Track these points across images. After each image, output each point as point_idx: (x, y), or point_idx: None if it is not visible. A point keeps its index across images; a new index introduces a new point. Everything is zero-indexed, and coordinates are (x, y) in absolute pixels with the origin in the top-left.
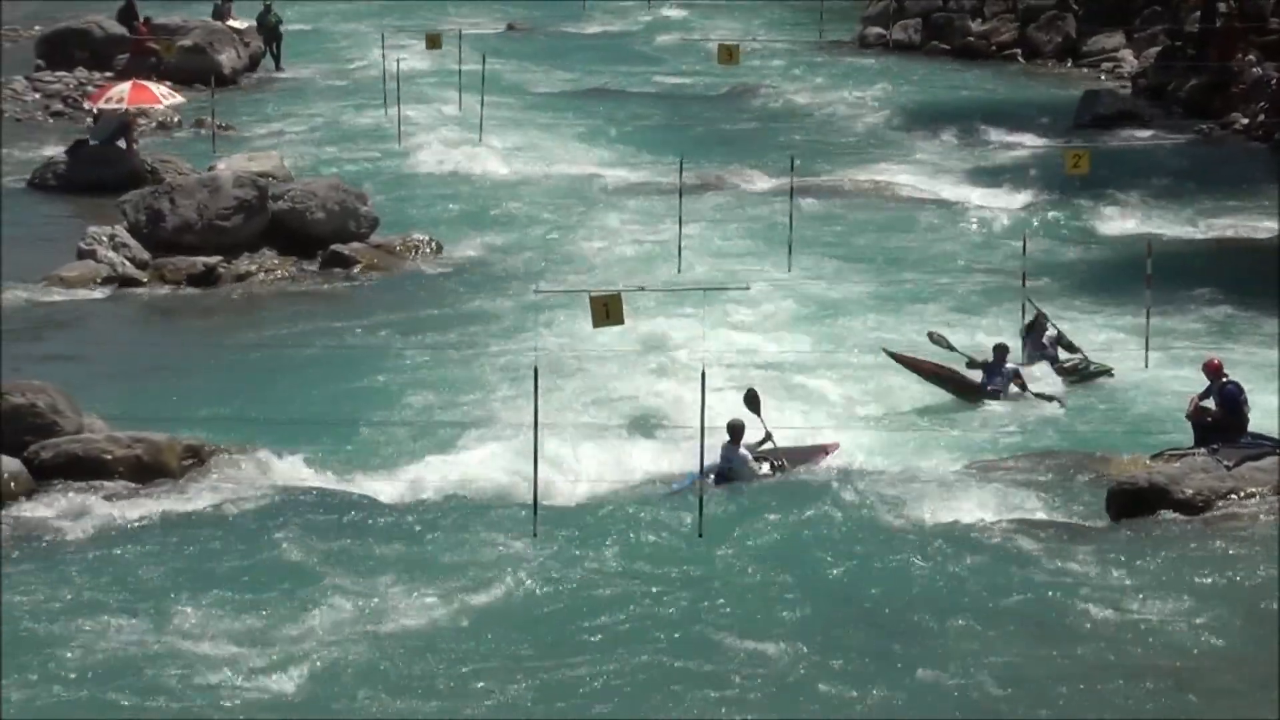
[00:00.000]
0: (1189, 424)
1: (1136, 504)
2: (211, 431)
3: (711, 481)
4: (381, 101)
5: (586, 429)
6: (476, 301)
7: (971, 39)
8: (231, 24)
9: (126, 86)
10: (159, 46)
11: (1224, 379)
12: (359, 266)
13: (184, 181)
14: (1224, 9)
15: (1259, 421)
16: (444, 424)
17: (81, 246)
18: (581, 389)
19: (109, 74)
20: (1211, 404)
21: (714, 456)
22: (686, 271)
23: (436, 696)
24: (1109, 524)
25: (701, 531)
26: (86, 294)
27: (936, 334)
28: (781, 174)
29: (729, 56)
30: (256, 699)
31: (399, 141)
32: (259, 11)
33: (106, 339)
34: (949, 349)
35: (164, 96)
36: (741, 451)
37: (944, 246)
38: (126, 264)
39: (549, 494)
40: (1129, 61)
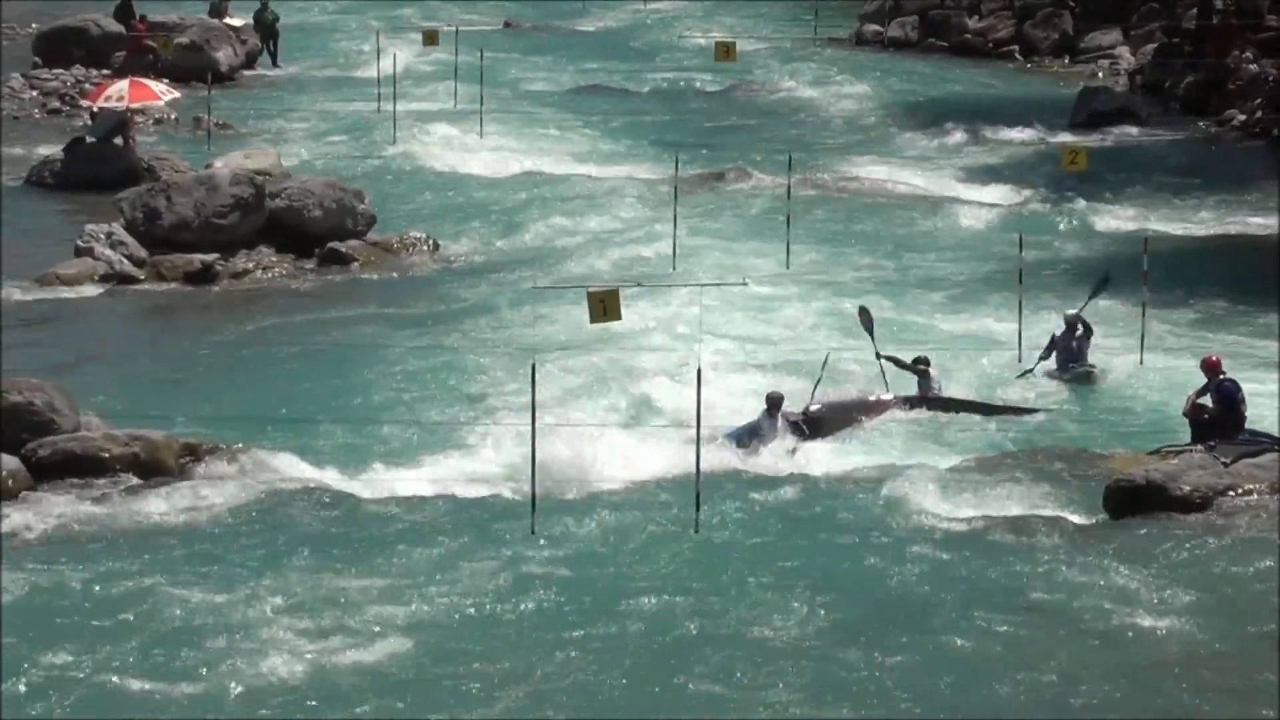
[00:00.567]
0: (1186, 421)
1: (1134, 501)
2: (209, 429)
3: (736, 441)
4: (378, 98)
5: (584, 426)
6: (474, 298)
7: (968, 36)
8: (228, 21)
9: (125, 84)
10: (156, 44)
11: (1221, 376)
12: (356, 264)
13: (181, 179)
14: (1220, 6)
15: (1256, 418)
16: (442, 421)
17: (79, 244)
18: (579, 386)
19: (106, 72)
20: (1209, 401)
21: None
22: (684, 267)
23: (434, 695)
24: (1106, 521)
25: (698, 528)
26: (84, 291)
27: (865, 313)
28: (779, 171)
29: (725, 54)
30: (253, 697)
31: (395, 139)
32: (256, 9)
33: (104, 337)
34: (869, 332)
35: (163, 93)
36: (778, 422)
37: (941, 243)
38: (124, 261)
39: (547, 491)
40: (1126, 58)
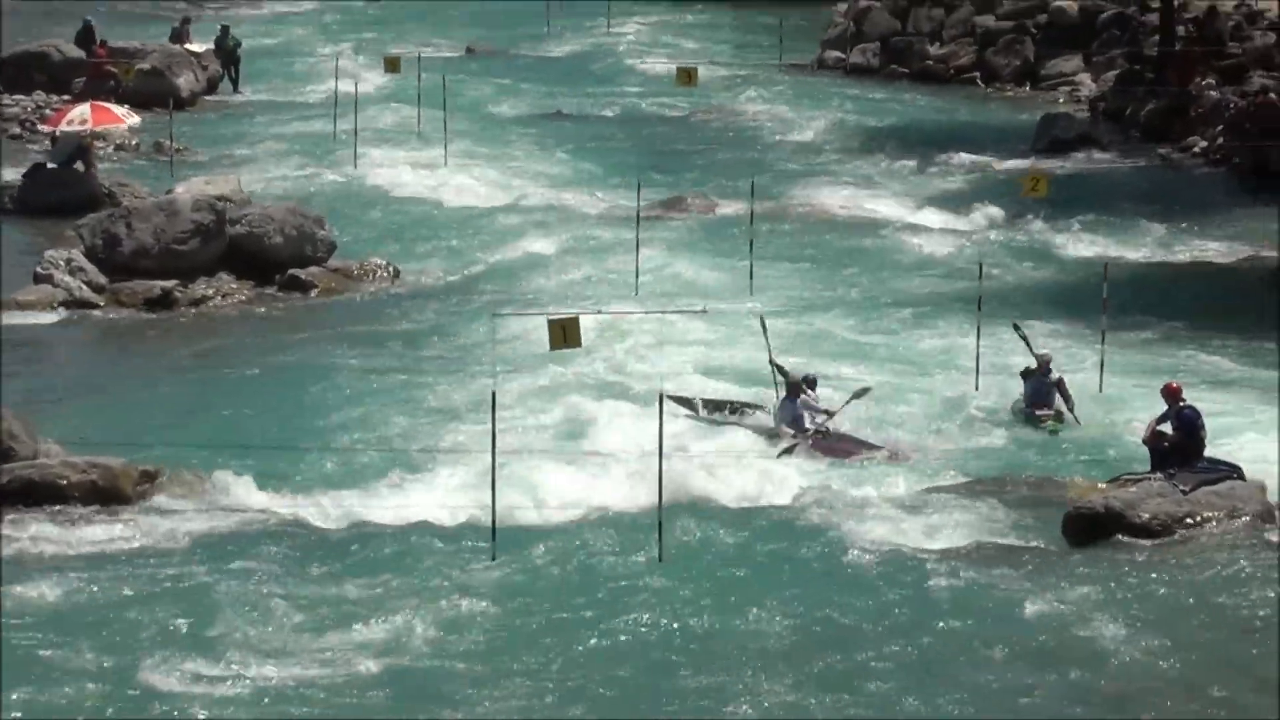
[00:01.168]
0: (1146, 448)
1: (1093, 528)
2: (168, 456)
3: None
4: (340, 125)
5: (545, 453)
6: (434, 325)
7: (930, 63)
8: (189, 47)
9: (87, 108)
10: (117, 70)
11: (1182, 403)
12: (316, 291)
13: (141, 205)
14: (1183, 33)
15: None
16: (402, 448)
17: (38, 270)
18: (539, 413)
19: (67, 97)
20: (1169, 428)
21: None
22: (645, 295)
23: None
24: (1065, 548)
25: (662, 556)
26: (43, 318)
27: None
28: (741, 197)
29: (688, 79)
30: None
31: (356, 165)
32: (217, 35)
33: (63, 364)
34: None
35: (124, 116)
36: (796, 406)
37: (902, 269)
38: (83, 288)
39: (508, 518)
40: (1087, 85)
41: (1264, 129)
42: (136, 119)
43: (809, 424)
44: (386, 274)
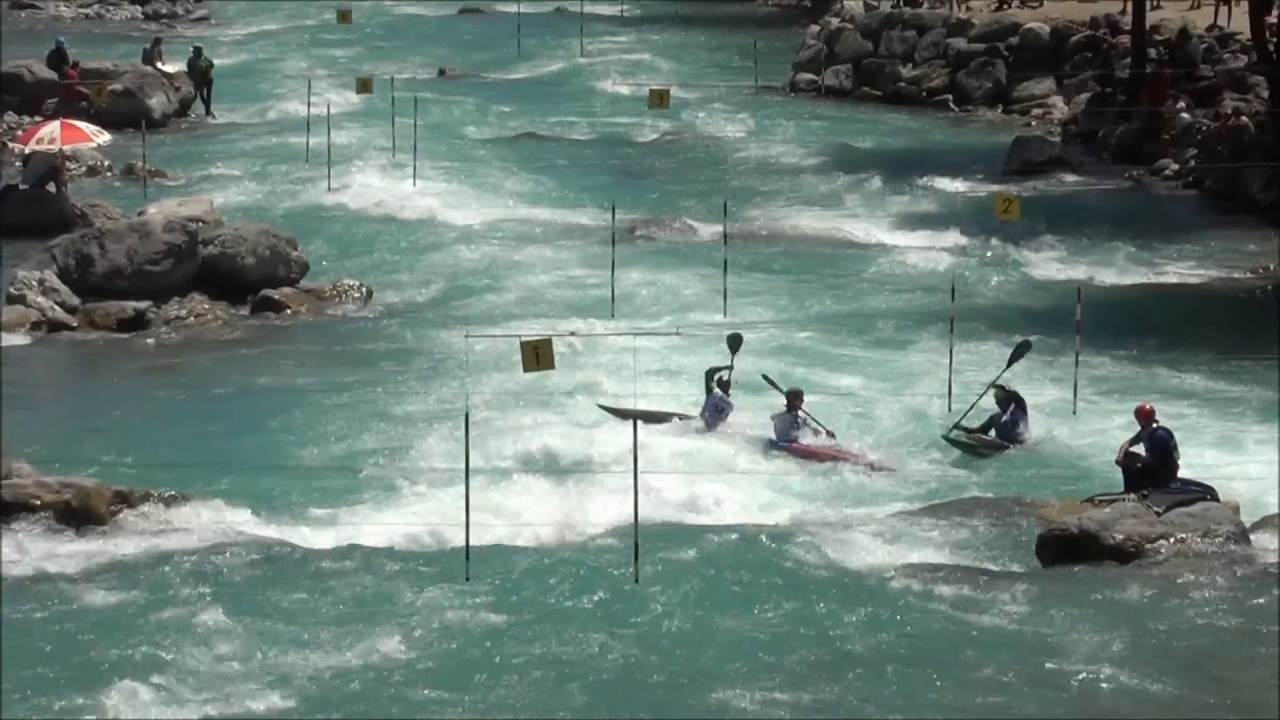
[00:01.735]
0: (1120, 469)
1: (1067, 550)
2: (141, 477)
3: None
4: (312, 146)
5: (518, 474)
6: (407, 346)
7: (902, 85)
8: (162, 68)
9: (56, 126)
10: (89, 91)
11: (1155, 424)
12: (289, 311)
13: (114, 226)
14: (1154, 55)
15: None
16: (375, 469)
17: (11, 291)
18: (513, 434)
19: (38, 118)
20: (1142, 450)
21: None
22: (620, 316)
23: None
24: (1039, 569)
25: (638, 578)
26: (15, 339)
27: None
28: (715, 219)
29: (660, 101)
30: None
31: (329, 186)
32: (189, 56)
33: (35, 384)
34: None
35: (94, 134)
36: (797, 417)
37: (876, 291)
38: (56, 309)
39: (481, 539)
40: (1059, 108)
41: (1235, 151)
42: (107, 136)
43: (808, 439)
44: (359, 294)
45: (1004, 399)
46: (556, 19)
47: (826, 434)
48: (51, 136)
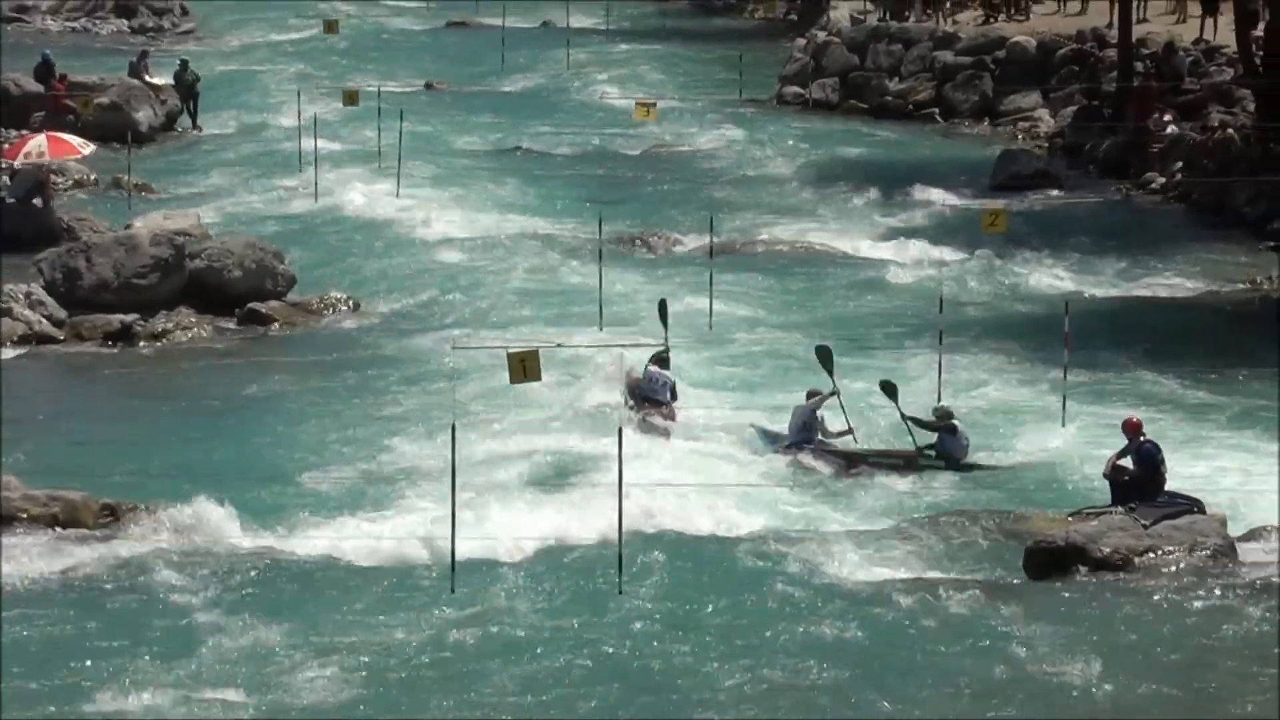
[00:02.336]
0: (1107, 483)
1: (1054, 563)
2: (128, 489)
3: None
4: (299, 159)
5: (505, 486)
6: (394, 359)
7: (889, 98)
8: (149, 80)
9: (43, 140)
10: (76, 104)
11: (1142, 438)
12: (276, 324)
13: (101, 240)
14: (1141, 69)
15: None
16: (362, 480)
17: None
18: (499, 446)
19: (24, 132)
20: (1129, 463)
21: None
22: (606, 328)
23: None
24: (1026, 582)
25: (622, 589)
26: (3, 352)
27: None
28: (701, 231)
29: (646, 114)
30: None
31: (316, 199)
32: (176, 68)
33: (23, 397)
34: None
35: (81, 146)
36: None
37: (863, 304)
38: (43, 322)
39: (467, 551)
40: (1046, 121)
41: (1222, 165)
42: (92, 147)
43: (821, 434)
44: (346, 307)
45: (943, 415)
46: (542, 33)
47: (849, 432)
48: (39, 150)
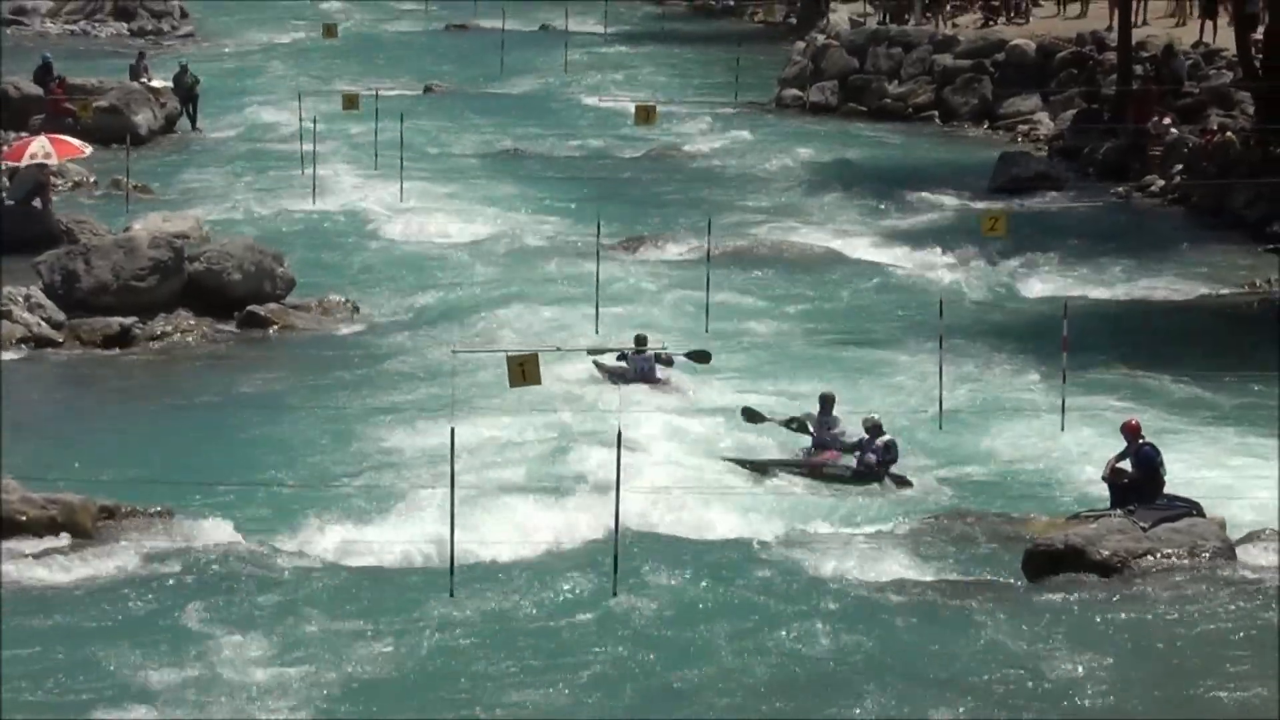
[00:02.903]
0: (1106, 485)
1: (1053, 565)
2: (127, 492)
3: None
4: (298, 162)
5: (503, 489)
6: (393, 362)
7: (888, 101)
8: (148, 83)
9: (46, 141)
10: (75, 107)
11: (1141, 440)
12: (275, 327)
13: (100, 242)
14: (1140, 72)
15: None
16: (361, 484)
17: None
18: (498, 449)
19: (24, 134)
20: (1128, 466)
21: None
22: (604, 332)
23: None
24: (1026, 585)
25: (616, 591)
26: (1, 355)
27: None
28: (699, 235)
29: (646, 117)
30: None
31: (315, 202)
32: (175, 71)
33: (22, 400)
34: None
35: (81, 147)
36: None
37: (862, 308)
38: (42, 325)
39: (466, 554)
40: (1045, 124)
41: (1221, 167)
42: (90, 148)
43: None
44: (345, 310)
45: (872, 428)
46: (541, 36)
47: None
48: (45, 152)
